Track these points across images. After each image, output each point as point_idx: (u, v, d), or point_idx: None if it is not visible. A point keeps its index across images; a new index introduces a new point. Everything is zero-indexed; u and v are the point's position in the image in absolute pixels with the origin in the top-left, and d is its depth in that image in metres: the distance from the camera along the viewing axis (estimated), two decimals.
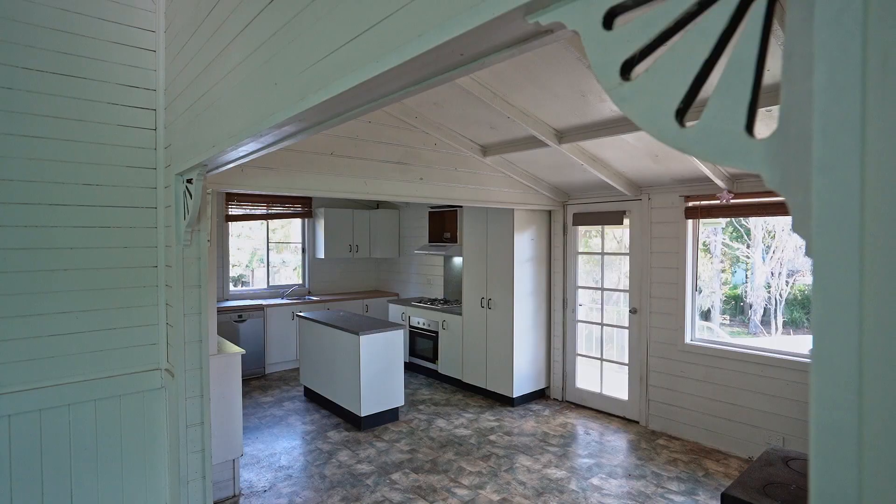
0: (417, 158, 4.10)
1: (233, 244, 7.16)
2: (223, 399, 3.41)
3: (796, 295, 8.10)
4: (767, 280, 8.30)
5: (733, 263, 8.64)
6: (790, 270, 8.16)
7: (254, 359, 6.35)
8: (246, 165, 3.19)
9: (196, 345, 2.50)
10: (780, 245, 8.42)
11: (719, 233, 8.75)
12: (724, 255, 8.77)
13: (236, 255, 7.26)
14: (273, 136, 1.58)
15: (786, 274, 8.21)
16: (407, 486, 3.60)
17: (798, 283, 8.19)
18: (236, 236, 7.21)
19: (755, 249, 8.57)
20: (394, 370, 4.81)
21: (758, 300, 8.33)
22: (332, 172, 3.61)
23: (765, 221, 8.22)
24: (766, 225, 8.33)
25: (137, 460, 2.67)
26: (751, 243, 8.69)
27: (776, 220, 8.17)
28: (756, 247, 8.59)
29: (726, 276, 8.69)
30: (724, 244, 8.75)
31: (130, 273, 2.67)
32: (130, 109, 2.67)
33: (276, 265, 7.55)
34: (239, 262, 7.31)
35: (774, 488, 1.79)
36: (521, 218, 5.25)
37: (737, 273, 8.81)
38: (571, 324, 5.40)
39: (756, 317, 8.22)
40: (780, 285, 8.22)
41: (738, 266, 8.77)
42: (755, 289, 8.42)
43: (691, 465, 3.93)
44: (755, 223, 8.31)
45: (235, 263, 7.25)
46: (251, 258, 7.28)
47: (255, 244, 7.36)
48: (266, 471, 3.84)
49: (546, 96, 3.36)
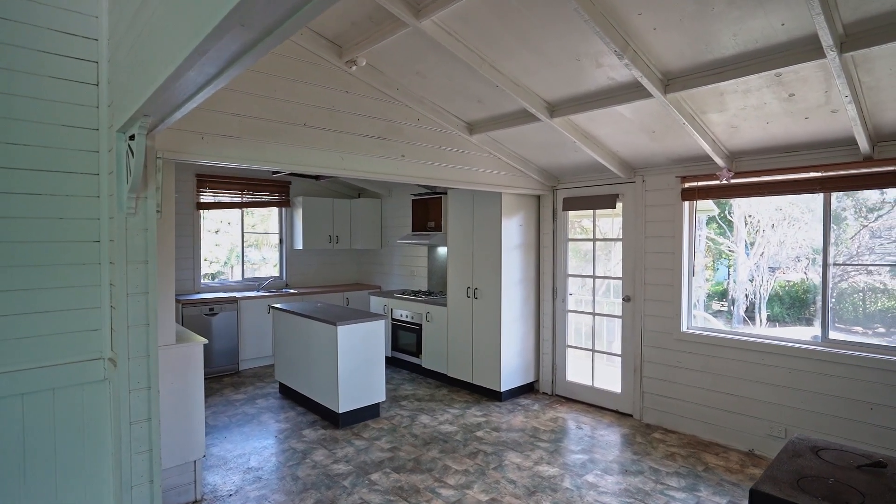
0: (399, 134, 3.81)
1: (210, 239, 6.77)
2: (183, 394, 3.07)
3: (777, 291, 8.02)
4: (751, 274, 8.21)
5: (716, 259, 8.53)
6: (771, 267, 8.08)
7: (226, 354, 5.98)
8: (206, 133, 2.87)
9: (142, 329, 2.18)
10: (762, 241, 8.34)
11: (704, 227, 8.64)
12: (708, 249, 8.67)
13: (214, 251, 6.86)
14: (217, 57, 1.28)
15: (767, 269, 8.12)
16: (387, 486, 3.31)
17: (779, 280, 8.11)
18: (214, 232, 6.82)
19: (738, 244, 8.48)
20: (374, 364, 4.51)
21: (741, 295, 8.24)
22: (305, 145, 3.30)
23: (749, 217, 8.13)
24: (751, 220, 8.23)
25: (75, 464, 2.32)
26: (734, 238, 8.60)
27: (761, 216, 8.09)
28: (739, 241, 8.50)
29: (709, 273, 8.58)
30: (708, 238, 8.64)
31: (68, 248, 2.33)
32: (68, 60, 2.33)
33: (256, 262, 7.18)
34: (217, 258, 6.92)
35: (810, 482, 1.54)
36: (510, 203, 4.99)
37: (719, 270, 8.71)
38: (561, 314, 5.16)
39: (740, 311, 8.12)
40: (763, 280, 8.13)
41: (721, 263, 8.67)
42: (739, 284, 8.33)
43: (690, 459, 3.71)
44: (739, 217, 8.21)
45: (214, 260, 6.86)
46: (230, 254, 6.89)
47: (234, 240, 6.95)
48: (233, 473, 3.51)
49: (538, 62, 3.10)
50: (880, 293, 6.78)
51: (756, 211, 8.15)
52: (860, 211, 5.77)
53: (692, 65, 2.82)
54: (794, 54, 2.52)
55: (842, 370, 3.40)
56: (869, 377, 3.30)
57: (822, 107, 2.96)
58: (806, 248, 7.86)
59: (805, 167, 3.49)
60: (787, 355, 3.64)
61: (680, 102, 3.15)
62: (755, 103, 3.05)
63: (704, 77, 2.85)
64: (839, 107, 2.91)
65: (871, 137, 3.15)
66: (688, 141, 3.67)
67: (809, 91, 2.83)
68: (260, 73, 3.11)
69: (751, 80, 2.80)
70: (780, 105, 3.02)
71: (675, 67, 2.88)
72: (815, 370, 3.51)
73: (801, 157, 3.54)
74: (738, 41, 2.55)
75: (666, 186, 4.26)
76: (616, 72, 3.02)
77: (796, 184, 3.58)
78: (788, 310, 7.80)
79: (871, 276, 6.64)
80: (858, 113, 2.84)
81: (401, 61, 3.41)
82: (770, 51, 2.57)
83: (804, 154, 3.52)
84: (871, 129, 3.08)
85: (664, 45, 2.68)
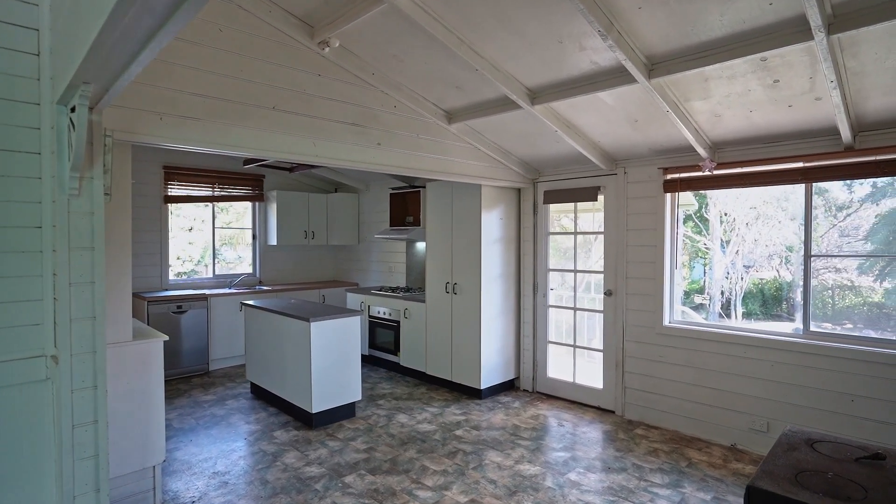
0: (375, 121, 3.65)
1: (184, 238, 6.48)
2: (141, 394, 2.86)
3: (751, 288, 8.11)
4: (727, 272, 8.28)
5: (692, 258, 8.59)
6: (745, 265, 8.16)
7: (196, 354, 5.72)
8: (166, 114, 2.67)
9: (87, 323, 1.98)
10: (738, 239, 8.41)
11: (681, 225, 8.69)
12: (685, 247, 8.71)
13: (188, 250, 6.57)
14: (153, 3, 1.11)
15: (742, 267, 8.20)
16: (362, 489, 3.15)
17: (753, 277, 8.20)
18: (188, 230, 6.53)
19: (714, 241, 8.55)
20: (349, 361, 4.33)
21: (717, 292, 8.30)
22: (274, 129, 3.12)
23: (724, 214, 8.19)
24: (726, 218, 8.29)
25: (13, 472, 2.10)
26: (710, 235, 8.66)
27: (736, 214, 8.17)
28: (715, 239, 8.57)
29: (685, 272, 8.62)
30: (685, 237, 8.68)
31: (6, 234, 2.11)
32: (5, 27, 2.11)
33: (231, 262, 6.90)
34: (191, 257, 6.63)
35: (809, 477, 1.45)
36: (489, 195, 4.86)
37: (695, 268, 8.77)
38: (542, 309, 5.07)
39: (716, 308, 8.18)
40: (739, 277, 8.20)
41: (697, 261, 8.73)
42: (715, 281, 8.39)
43: (673, 455, 3.64)
44: (714, 215, 8.26)
45: (188, 259, 6.56)
46: (203, 253, 6.61)
47: (208, 237, 6.66)
48: (197, 478, 3.30)
49: (519, 45, 2.97)
50: (848, 290, 6.88)
51: (732, 209, 8.22)
52: (830, 210, 5.83)
53: (677, 48, 2.74)
54: (781, 35, 2.45)
55: (823, 362, 3.37)
56: (850, 369, 3.27)
57: (807, 94, 2.91)
58: (779, 245, 7.96)
59: (787, 157, 3.45)
60: (769, 348, 3.59)
61: (664, 89, 3.07)
62: (740, 90, 2.98)
63: (689, 61, 2.76)
64: (823, 94, 2.86)
65: (854, 126, 3.12)
66: (671, 130, 3.60)
67: (794, 77, 2.77)
68: (225, 51, 2.92)
69: (736, 65, 2.73)
70: (764, 92, 2.96)
71: (660, 51, 2.79)
72: (797, 363, 3.48)
73: (783, 148, 3.50)
74: (725, 21, 2.47)
75: (648, 178, 4.19)
76: (599, 55, 2.92)
77: (778, 174, 3.54)
78: (762, 307, 7.89)
79: (839, 274, 6.73)
80: (842, 100, 2.80)
81: (376, 43, 3.25)
82: (757, 32, 2.50)
83: (786, 144, 3.48)
84: (853, 117, 3.05)
85: (649, 25, 2.58)
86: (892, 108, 2.92)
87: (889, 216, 6.53)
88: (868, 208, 6.42)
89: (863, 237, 6.53)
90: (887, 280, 6.73)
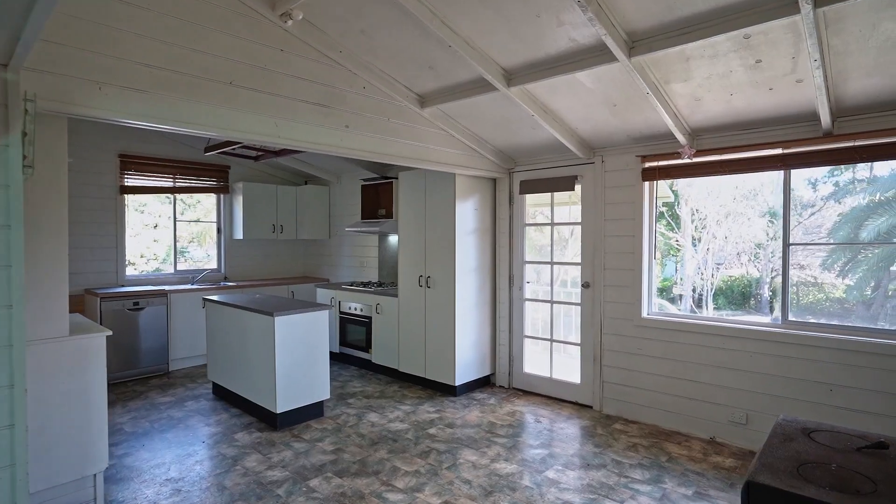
0: (342, 102, 3.43)
1: (149, 235, 6.12)
2: (80, 395, 2.59)
3: (720, 286, 8.18)
4: (699, 268, 8.34)
5: (664, 256, 8.62)
6: (716, 264, 8.24)
7: (154, 353, 5.38)
8: (106, 84, 2.41)
9: (2, 312, 1.72)
10: (708, 236, 8.48)
11: (655, 222, 8.71)
12: (658, 245, 8.74)
13: (152, 248, 6.21)
14: None
15: (714, 265, 8.27)
16: (328, 493, 2.93)
17: (722, 275, 8.28)
18: (153, 227, 6.17)
19: (686, 238, 8.59)
20: (317, 358, 4.10)
21: (688, 289, 8.35)
22: (231, 106, 2.88)
23: (696, 211, 8.24)
24: (697, 215, 8.35)
25: None
26: (682, 233, 8.70)
27: (707, 211, 8.23)
28: (687, 236, 8.61)
29: (658, 270, 8.65)
30: (659, 234, 8.71)
31: None
32: None
33: (200, 259, 6.56)
34: (156, 255, 6.26)
35: (811, 470, 1.32)
36: (464, 185, 4.70)
37: (667, 266, 8.82)
38: (518, 303, 4.93)
39: (688, 304, 8.22)
40: (711, 274, 8.26)
41: (669, 259, 8.78)
42: (686, 278, 8.43)
43: (652, 449, 3.54)
44: (686, 213, 8.31)
45: (152, 257, 6.20)
46: (169, 251, 6.24)
47: (171, 232, 6.30)
48: (147, 486, 3.03)
49: (495, 20, 2.81)
50: (811, 286, 6.98)
51: (703, 206, 8.27)
52: (795, 208, 5.88)
53: (659, 24, 2.62)
54: (766, 10, 2.35)
55: (801, 352, 3.31)
56: (827, 358, 3.22)
57: (788, 75, 2.83)
58: (749, 243, 8.04)
59: (766, 143, 3.39)
60: (747, 338, 3.53)
61: (644, 69, 2.95)
62: (721, 71, 2.89)
63: (672, 37, 2.65)
64: (805, 75, 2.79)
65: (833, 111, 3.07)
66: (650, 115, 3.49)
67: (777, 57, 2.69)
68: (176, 18, 2.67)
69: (719, 43, 2.63)
70: (745, 73, 2.87)
71: (642, 27, 2.66)
72: (775, 353, 3.42)
73: (762, 134, 3.43)
74: None
75: (626, 167, 4.09)
76: (578, 31, 2.78)
77: (757, 161, 3.47)
78: (731, 303, 7.96)
79: (802, 271, 6.82)
80: (824, 81, 2.72)
81: (343, 17, 3.04)
82: (741, 6, 2.40)
83: (765, 130, 3.42)
84: (833, 101, 2.99)
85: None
86: (871, 91, 2.87)
87: (850, 214, 6.64)
88: (831, 207, 6.52)
89: (825, 234, 6.63)
90: (849, 276, 6.86)
